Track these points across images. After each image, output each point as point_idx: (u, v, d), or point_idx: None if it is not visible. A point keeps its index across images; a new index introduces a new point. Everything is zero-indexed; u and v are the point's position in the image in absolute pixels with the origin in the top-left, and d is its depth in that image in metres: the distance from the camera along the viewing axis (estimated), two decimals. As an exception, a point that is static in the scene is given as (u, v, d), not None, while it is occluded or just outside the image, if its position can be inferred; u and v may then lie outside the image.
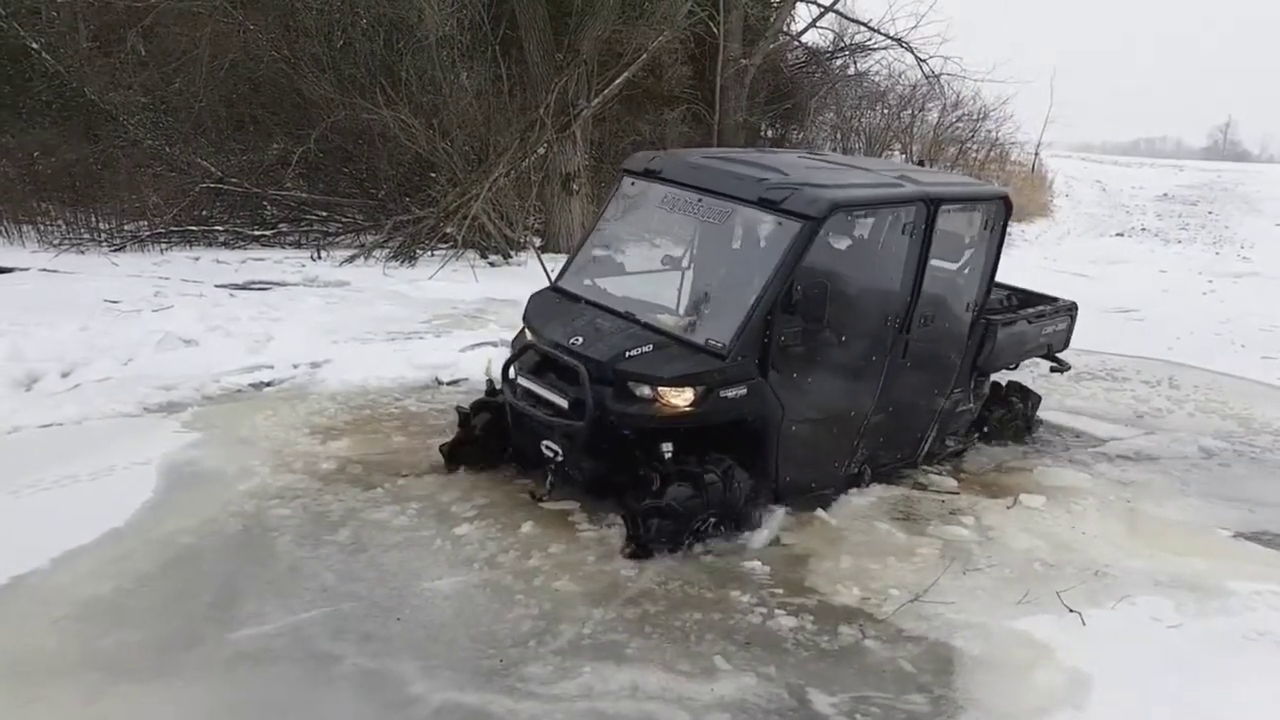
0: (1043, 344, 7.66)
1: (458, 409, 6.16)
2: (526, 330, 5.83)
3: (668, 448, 5.15)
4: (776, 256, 5.18)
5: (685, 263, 6.24)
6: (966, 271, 6.51)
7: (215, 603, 4.35)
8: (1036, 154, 27.61)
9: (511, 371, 5.63)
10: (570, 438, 5.26)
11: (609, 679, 3.98)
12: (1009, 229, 6.98)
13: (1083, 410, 8.99)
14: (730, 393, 5.12)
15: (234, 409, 7.10)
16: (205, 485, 5.65)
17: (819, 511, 5.92)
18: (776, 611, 4.64)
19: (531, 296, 6.08)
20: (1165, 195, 27.91)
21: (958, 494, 6.53)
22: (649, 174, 6.01)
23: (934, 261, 5.99)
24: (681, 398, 5.08)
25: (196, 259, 13.31)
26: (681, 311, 5.76)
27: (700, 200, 5.67)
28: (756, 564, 5.15)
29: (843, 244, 5.55)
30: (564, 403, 5.26)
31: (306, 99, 15.12)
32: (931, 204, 5.80)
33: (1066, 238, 22.59)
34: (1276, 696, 4.10)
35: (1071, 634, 4.58)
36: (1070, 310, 7.95)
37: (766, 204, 5.33)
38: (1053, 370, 8.35)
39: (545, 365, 5.49)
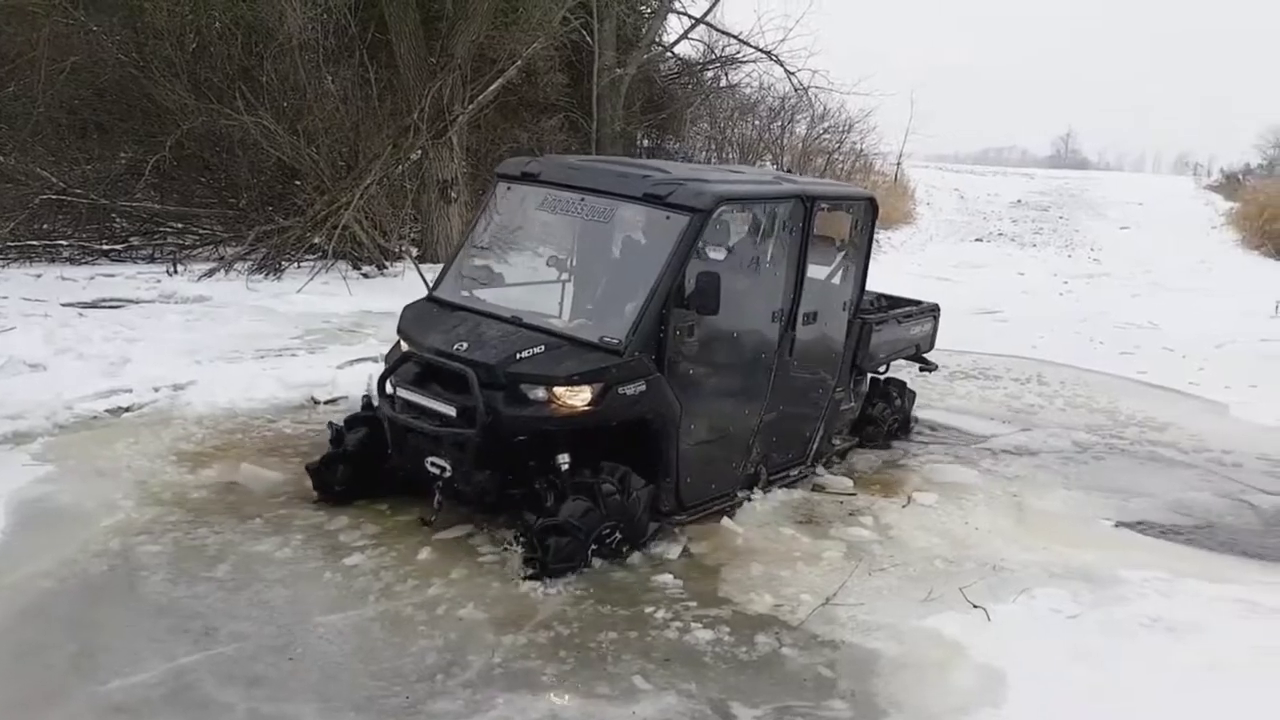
0: (912, 343, 8.01)
1: (330, 425, 5.80)
2: (403, 343, 5.52)
3: (564, 459, 4.95)
4: (667, 250, 5.14)
5: (570, 264, 6.09)
6: (841, 273, 6.75)
7: (81, 652, 3.92)
8: (899, 164, 28.66)
9: (389, 386, 5.32)
10: (460, 448, 4.97)
11: (525, 709, 3.76)
12: (876, 234, 7.30)
13: (961, 409, 9.26)
14: (629, 389, 5.00)
15: (90, 437, 6.55)
16: (62, 523, 5.15)
17: (724, 520, 5.86)
18: (692, 625, 4.53)
19: (406, 308, 5.82)
20: (1019, 202, 29.45)
21: (854, 494, 6.58)
22: (527, 177, 5.89)
23: (811, 265, 6.13)
24: (579, 397, 4.93)
25: (39, 276, 12.31)
26: (571, 313, 5.62)
27: (583, 200, 5.57)
28: (668, 577, 5.03)
29: (728, 239, 5.64)
30: (451, 411, 4.99)
31: (158, 104, 14.23)
32: (808, 201, 5.97)
33: (929, 244, 23.51)
34: (1178, 681, 4.21)
35: (978, 630, 4.62)
36: (934, 311, 8.30)
37: (653, 199, 5.30)
38: (922, 370, 8.65)
39: (427, 375, 5.21)
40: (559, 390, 4.91)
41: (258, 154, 14.43)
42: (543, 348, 5.02)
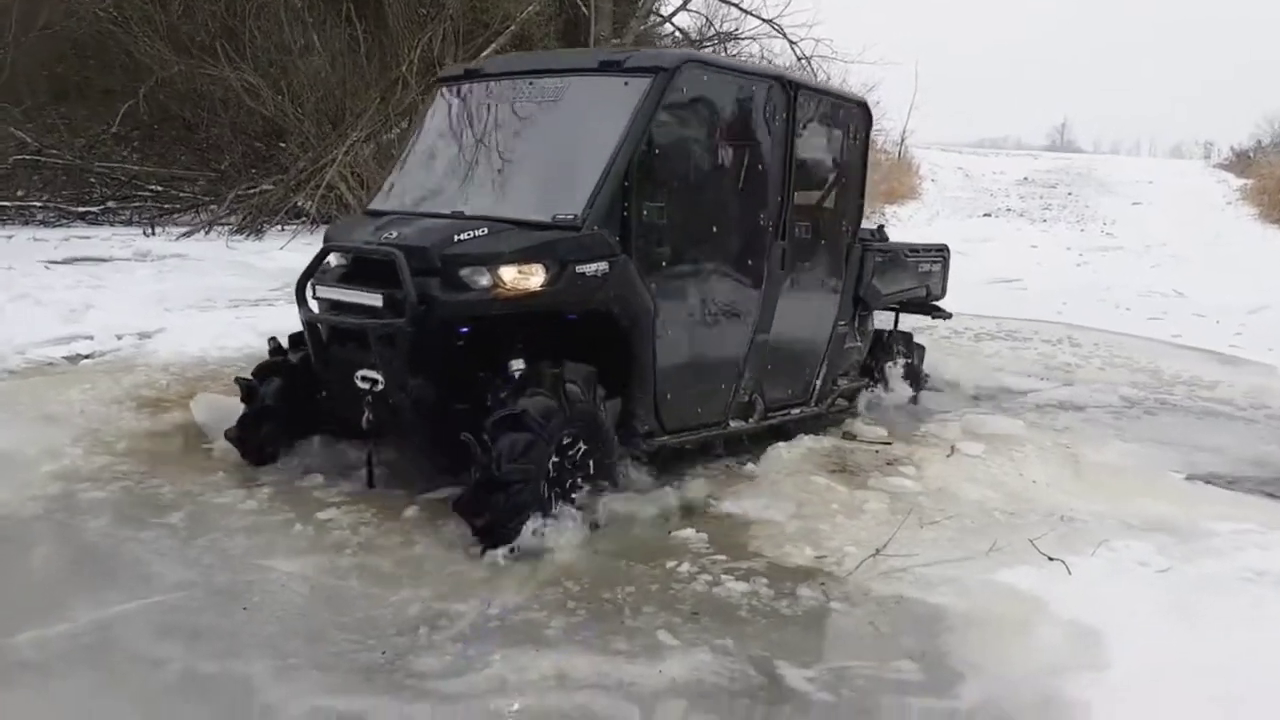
0: (921, 284, 7.23)
1: (237, 380, 4.91)
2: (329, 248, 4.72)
3: (518, 365, 4.21)
4: (626, 117, 4.48)
5: (520, 152, 5.03)
6: (836, 190, 6.00)
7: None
8: (903, 140, 27.98)
9: (309, 289, 4.52)
10: (390, 344, 4.16)
11: (527, 668, 3.08)
12: (881, 208, 6.67)
13: (993, 367, 8.63)
14: (589, 269, 4.29)
15: (43, 383, 5.90)
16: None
17: (747, 466, 5.23)
18: (723, 577, 3.84)
19: (336, 223, 5.12)
20: (1026, 179, 28.70)
21: (890, 443, 5.93)
22: (470, 75, 5.30)
23: (801, 191, 5.52)
24: (531, 279, 4.19)
25: (9, 237, 11.65)
26: (520, 201, 4.67)
27: (530, 83, 4.95)
28: (689, 530, 4.35)
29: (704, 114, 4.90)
30: (377, 300, 4.19)
31: (137, 62, 13.52)
32: (790, 88, 5.33)
33: (936, 219, 22.79)
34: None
35: (1059, 584, 3.94)
36: (942, 252, 7.54)
37: (610, 66, 4.75)
38: (934, 317, 7.78)
39: (354, 273, 4.48)
40: (506, 271, 4.15)
41: (241, 114, 13.74)
42: (486, 230, 4.29)
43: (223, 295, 8.26)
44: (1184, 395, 7.89)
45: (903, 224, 21.52)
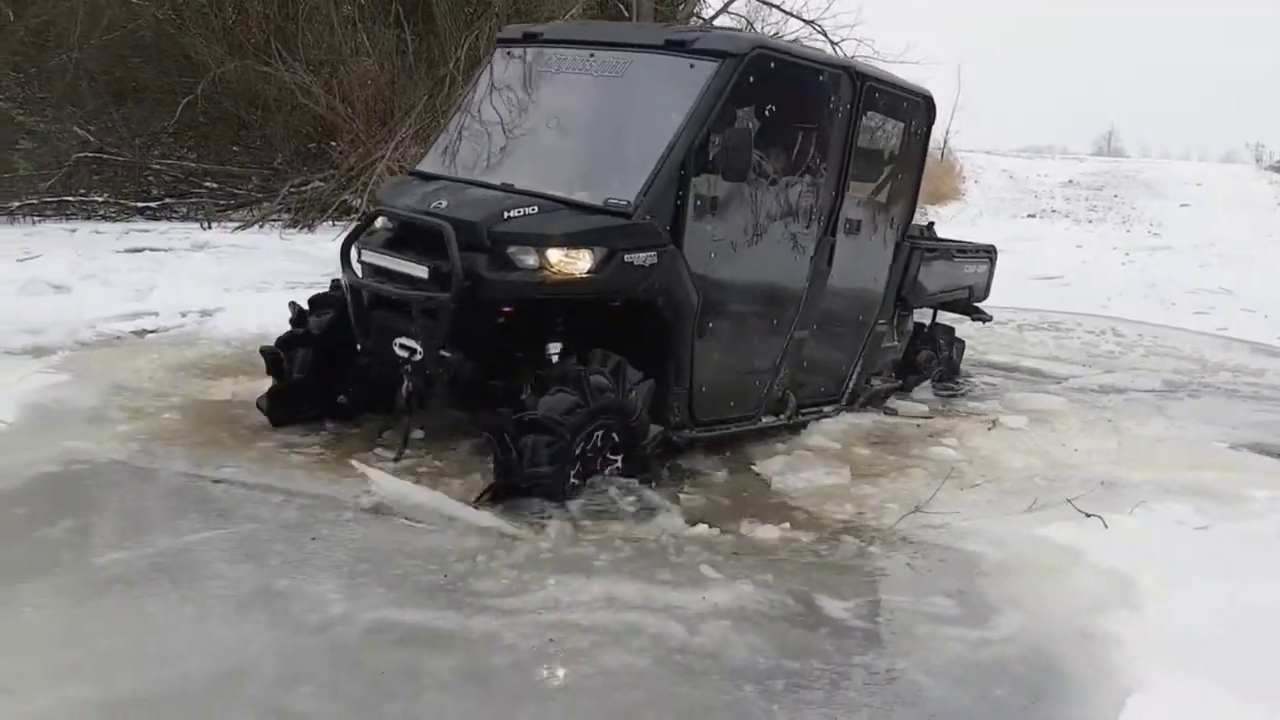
0: (964, 286, 6.98)
1: (263, 351, 4.86)
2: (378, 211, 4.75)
3: (555, 349, 4.24)
4: (689, 102, 4.35)
5: (576, 129, 4.94)
6: (891, 184, 5.76)
7: (79, 529, 3.47)
8: (945, 140, 27.86)
9: (354, 253, 4.53)
10: (431, 317, 4.14)
11: (578, 591, 3.25)
12: (924, 205, 6.52)
13: (1036, 354, 8.66)
14: (637, 258, 4.19)
15: (112, 354, 6.15)
16: (74, 422, 4.69)
17: (791, 438, 5.34)
18: (763, 526, 3.98)
19: (386, 183, 5.18)
20: (1070, 182, 28.46)
21: (931, 418, 6.01)
22: (529, 38, 5.15)
23: (855, 180, 5.33)
24: (578, 263, 4.13)
25: (73, 231, 12.03)
26: (574, 178, 4.55)
27: (592, 55, 4.81)
28: (731, 490, 4.50)
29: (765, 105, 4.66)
30: (423, 272, 4.18)
31: (194, 62, 13.94)
32: (857, 79, 5.16)
33: (980, 219, 22.70)
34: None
35: (1096, 537, 4.04)
36: (990, 253, 7.34)
37: (676, 46, 4.57)
38: (975, 319, 7.49)
39: (401, 240, 4.45)
40: (553, 254, 4.09)
41: (293, 113, 14.10)
42: (537, 208, 4.24)
43: (279, 278, 8.54)
44: (1228, 380, 7.87)
45: (945, 223, 21.43)
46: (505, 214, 4.18)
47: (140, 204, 13.56)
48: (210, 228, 12.52)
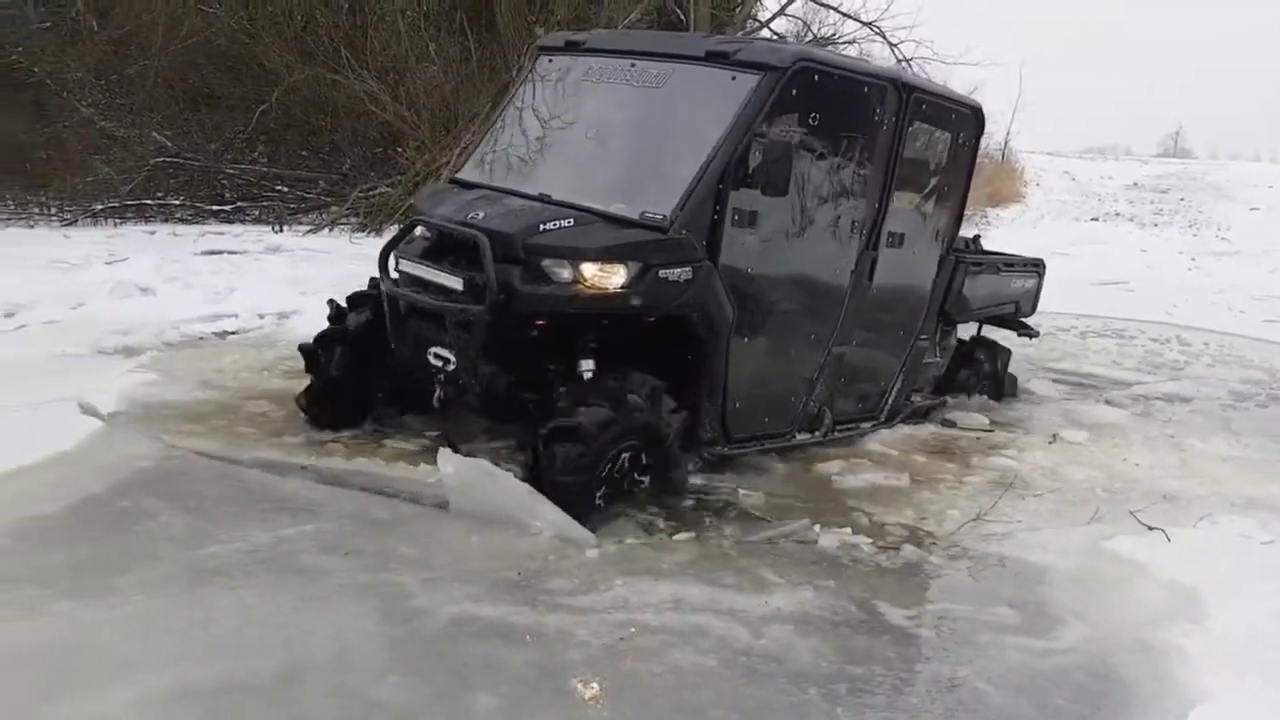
0: (1011, 300, 6.79)
1: (301, 348, 4.97)
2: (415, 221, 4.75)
3: (588, 366, 4.21)
4: (729, 115, 4.26)
5: (614, 139, 4.86)
6: (936, 196, 5.62)
7: (178, 522, 3.69)
8: (1006, 142, 27.50)
9: (392, 262, 4.57)
10: (465, 329, 4.18)
11: (646, 592, 3.39)
12: (984, 210, 6.35)
13: (1099, 362, 8.60)
14: (672, 274, 4.12)
15: (196, 354, 6.42)
16: (167, 417, 4.97)
17: (849, 446, 5.41)
18: (825, 533, 4.07)
19: (422, 189, 5.24)
20: (1135, 184, 27.91)
21: (991, 430, 6.03)
22: (571, 46, 5.12)
23: (900, 190, 5.23)
24: (612, 278, 4.07)
25: (152, 233, 12.51)
26: (610, 190, 4.47)
27: (633, 65, 4.74)
28: (789, 496, 4.61)
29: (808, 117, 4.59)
30: (458, 284, 4.20)
31: (267, 70, 14.39)
32: (904, 90, 5.05)
33: (1042, 221, 22.40)
34: None
35: (1158, 550, 4.05)
36: (1037, 267, 7.08)
37: (717, 57, 4.48)
38: (1021, 335, 7.29)
39: (437, 250, 4.45)
40: (588, 268, 4.05)
41: (361, 120, 14.48)
42: (572, 221, 4.21)
43: (351, 281, 8.72)
44: (1298, 392, 7.74)
45: (1005, 226, 21.23)
46: (540, 226, 4.16)
47: (215, 207, 14.03)
48: (282, 230, 12.93)
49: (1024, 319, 7.10)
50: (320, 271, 9.29)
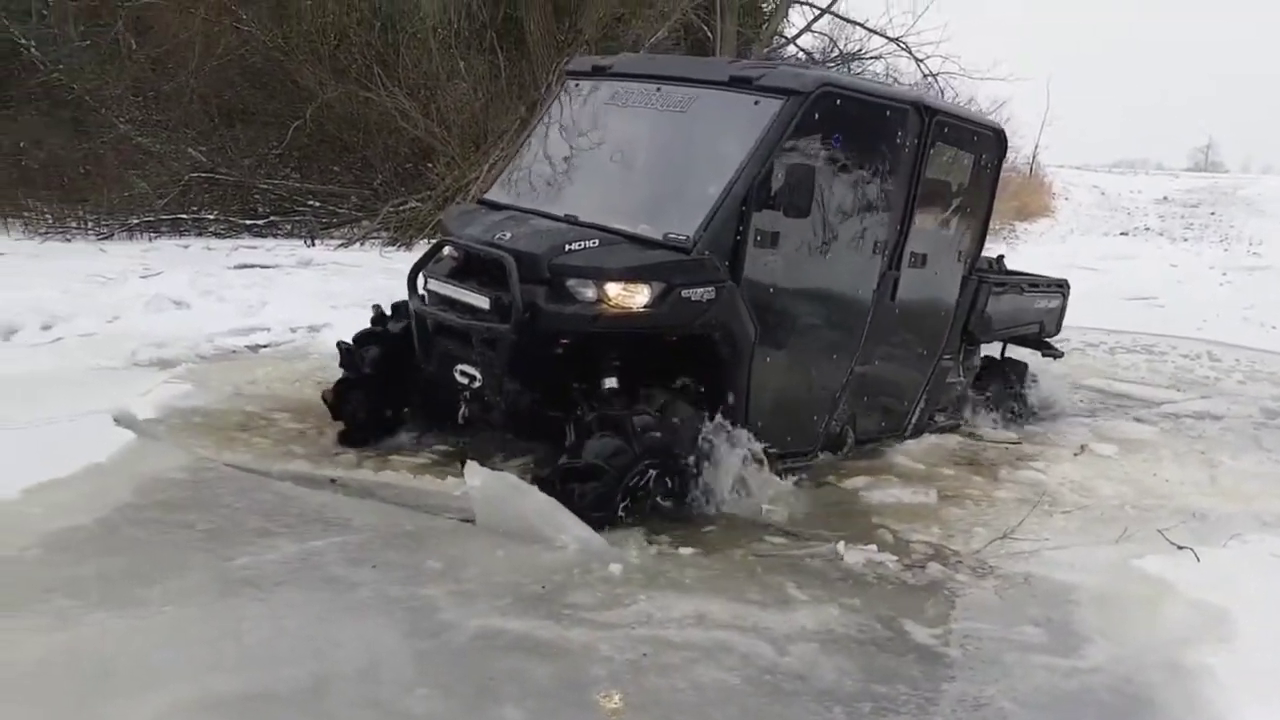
0: (1035, 321, 6.77)
1: (339, 344, 5.10)
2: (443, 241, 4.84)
3: (611, 383, 4.25)
4: (752, 139, 4.36)
5: (639, 162, 5.00)
6: (958, 217, 5.67)
7: (211, 533, 3.76)
8: (1034, 157, 27.36)
9: (421, 280, 4.68)
10: (491, 347, 4.26)
11: (669, 607, 3.40)
12: (1012, 223, 6.33)
13: (1129, 378, 8.52)
14: (694, 294, 4.20)
15: (230, 366, 6.53)
16: (199, 428, 5.05)
17: (874, 458, 5.41)
18: (850, 549, 4.07)
19: (451, 209, 5.34)
20: (1165, 199, 27.64)
21: (1020, 443, 6.00)
22: (598, 71, 5.21)
23: (923, 210, 5.29)
24: (635, 297, 4.15)
25: (186, 247, 12.72)
26: (635, 212, 4.58)
27: (658, 90, 4.84)
28: (815, 510, 4.60)
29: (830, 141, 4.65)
30: (484, 303, 4.30)
31: (301, 87, 14.62)
32: (926, 113, 5.11)
33: (1070, 236, 22.24)
34: None
35: (1188, 570, 4.00)
36: (1062, 287, 7.02)
37: (740, 82, 4.58)
38: (1044, 355, 7.19)
39: (465, 269, 4.56)
40: (611, 288, 4.13)
41: (392, 136, 14.66)
42: (597, 242, 4.30)
43: (382, 295, 8.79)
44: (1334, 410, 7.63)
45: (1034, 241, 21.11)
46: (566, 247, 4.25)
47: (248, 221, 14.25)
48: (314, 245, 13.11)
49: (1048, 339, 7.06)
50: (351, 286, 9.40)
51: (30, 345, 6.33)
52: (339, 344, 5.12)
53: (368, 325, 5.23)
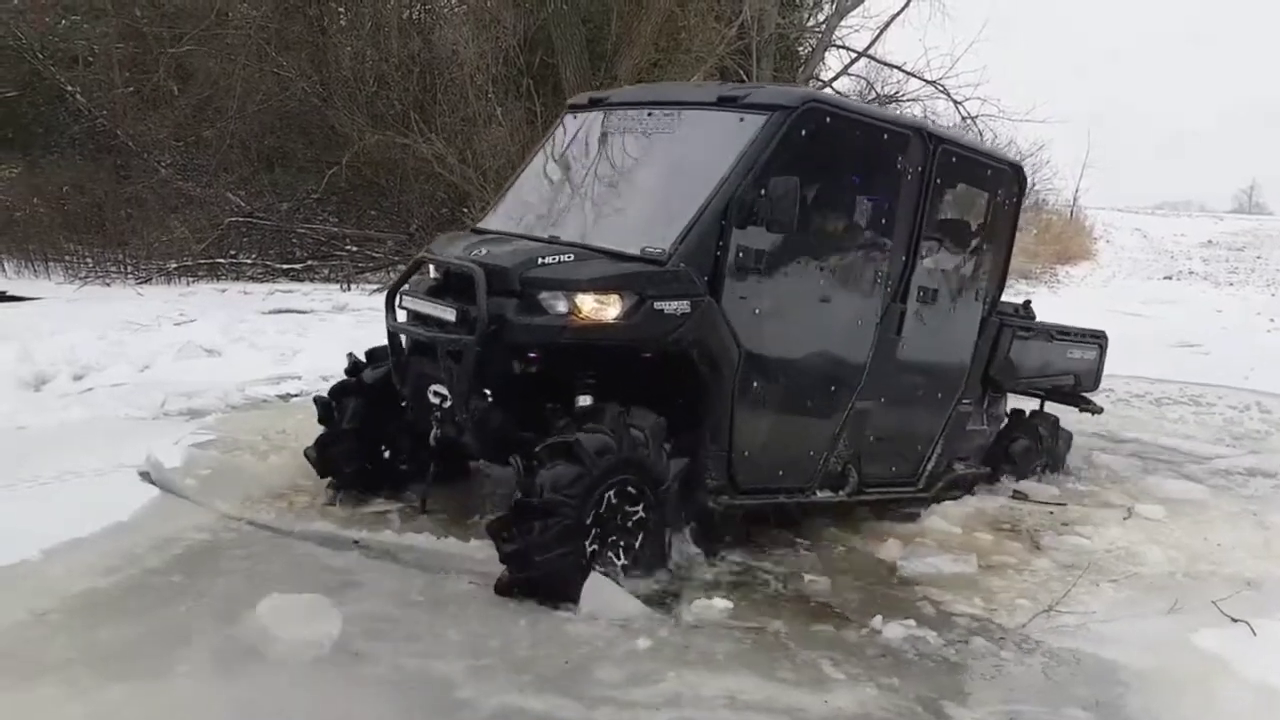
0: (1067, 372, 6.52)
1: (315, 399, 5.01)
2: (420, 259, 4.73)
3: (585, 401, 4.12)
4: (733, 154, 4.27)
5: (628, 182, 4.89)
6: (975, 256, 5.50)
7: (230, 599, 3.67)
8: (1075, 199, 27.13)
9: (398, 300, 4.58)
10: (456, 360, 4.11)
11: (698, 685, 3.25)
12: (1053, 267, 6.21)
13: (1176, 432, 8.27)
14: (668, 307, 4.04)
15: (260, 416, 6.52)
16: (224, 485, 5.00)
17: (911, 523, 5.24)
18: (888, 623, 3.90)
19: (440, 236, 5.17)
20: (1210, 242, 27.26)
21: (1064, 504, 5.80)
22: (594, 103, 5.19)
23: (941, 251, 5.18)
24: (605, 309, 4.01)
25: (223, 291, 12.90)
26: (619, 230, 4.49)
27: (649, 114, 4.81)
28: (850, 579, 4.44)
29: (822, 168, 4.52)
30: (451, 315, 4.17)
31: (339, 133, 14.84)
32: (930, 141, 4.95)
33: (1113, 280, 21.97)
34: None
35: (1243, 645, 3.82)
36: (1099, 339, 6.73)
37: (727, 101, 4.52)
38: (1083, 410, 6.94)
39: (442, 286, 4.44)
40: (583, 299, 3.99)
41: (429, 181, 14.81)
42: (572, 256, 4.19)
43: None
44: (1392, 467, 7.34)
45: (1076, 285, 20.84)
46: (539, 260, 4.15)
47: (285, 265, 14.41)
48: (349, 289, 13.21)
49: (1085, 393, 6.80)
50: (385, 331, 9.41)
51: (61, 396, 6.36)
52: (315, 399, 5.05)
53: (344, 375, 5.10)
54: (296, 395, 7.11)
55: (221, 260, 13.90)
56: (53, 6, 15.34)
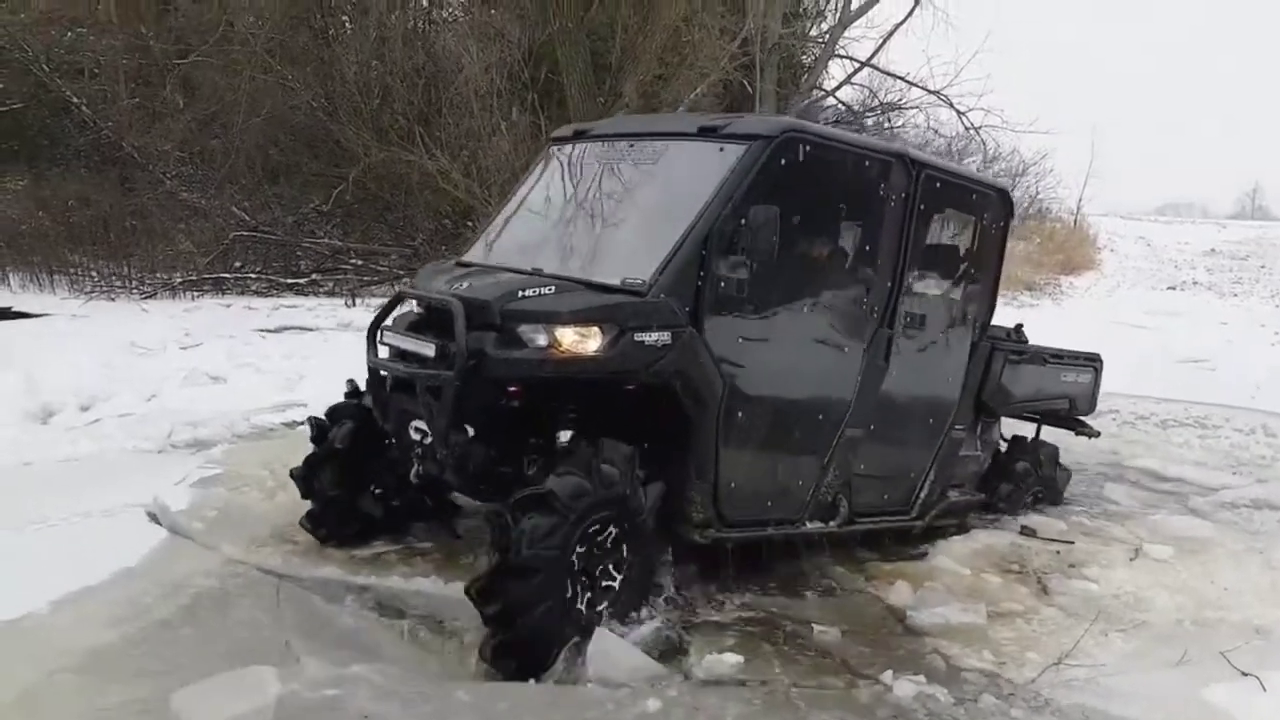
0: (1061, 396, 6.50)
1: (310, 420, 5.02)
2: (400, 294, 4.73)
3: (566, 437, 4.11)
4: (713, 184, 4.26)
5: (610, 213, 4.86)
6: (963, 281, 5.51)
7: (236, 654, 3.66)
8: (1078, 209, 27.10)
9: (379, 336, 4.54)
10: (435, 395, 4.07)
11: (711, 752, 3.26)
12: (1056, 278, 6.25)
13: (1182, 459, 8.25)
14: (649, 338, 4.03)
15: (267, 446, 6.52)
16: (232, 525, 5.01)
17: (916, 562, 5.23)
18: (898, 678, 3.89)
19: (423, 268, 5.15)
20: (1213, 251, 27.21)
21: (1072, 543, 5.79)
22: (579, 135, 5.20)
23: (929, 279, 5.20)
24: (586, 342, 3.98)
25: (228, 306, 12.89)
26: (600, 262, 4.49)
27: (632, 146, 4.84)
28: (858, 632, 4.43)
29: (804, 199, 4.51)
30: (430, 351, 4.15)
31: (344, 148, 14.84)
32: (913, 167, 4.94)
33: (1117, 290, 21.92)
34: None
35: (1253, 699, 3.82)
36: (1093, 362, 6.71)
37: (707, 132, 4.53)
38: (1078, 434, 6.94)
39: (423, 321, 4.44)
40: (563, 332, 3.97)
41: (434, 195, 14.80)
42: (553, 289, 4.16)
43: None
44: (1401, 497, 7.32)
45: (1081, 296, 20.82)
46: (520, 293, 4.13)
47: (290, 280, 14.41)
48: (354, 304, 13.21)
49: (1081, 416, 6.79)
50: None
51: (68, 428, 6.36)
52: (310, 419, 5.02)
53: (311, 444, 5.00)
54: (302, 423, 7.09)
55: (226, 275, 13.90)
56: (59, 20, 15.35)
